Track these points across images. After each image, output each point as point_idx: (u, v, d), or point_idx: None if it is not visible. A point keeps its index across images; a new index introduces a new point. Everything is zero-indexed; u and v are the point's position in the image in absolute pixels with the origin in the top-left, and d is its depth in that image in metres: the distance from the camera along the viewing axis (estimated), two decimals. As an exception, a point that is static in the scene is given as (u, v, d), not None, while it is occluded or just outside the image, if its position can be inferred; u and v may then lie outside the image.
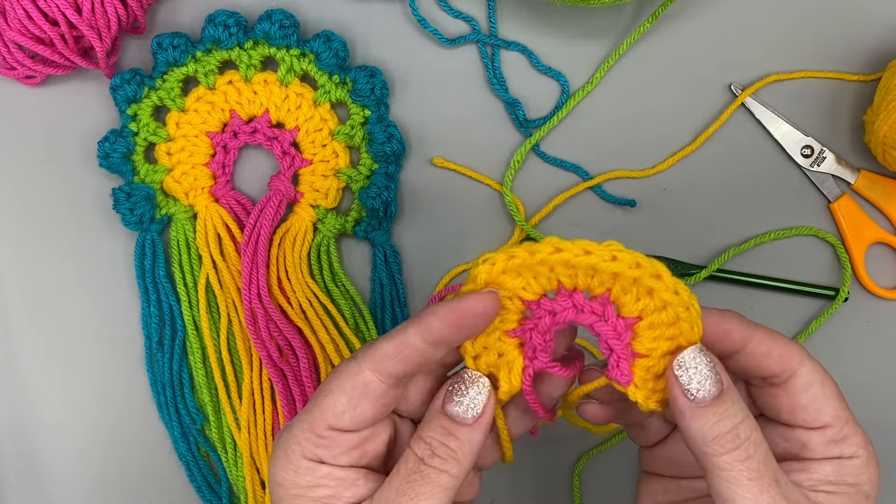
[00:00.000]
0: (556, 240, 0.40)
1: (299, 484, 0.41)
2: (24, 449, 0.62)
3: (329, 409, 0.41)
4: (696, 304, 0.41)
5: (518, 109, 0.63)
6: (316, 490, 0.41)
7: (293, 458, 0.41)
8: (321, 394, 0.42)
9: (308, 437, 0.41)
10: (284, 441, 0.42)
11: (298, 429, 0.41)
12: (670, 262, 0.62)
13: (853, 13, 0.64)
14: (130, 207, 0.61)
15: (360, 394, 0.41)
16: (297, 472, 0.41)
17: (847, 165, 0.63)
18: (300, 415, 0.42)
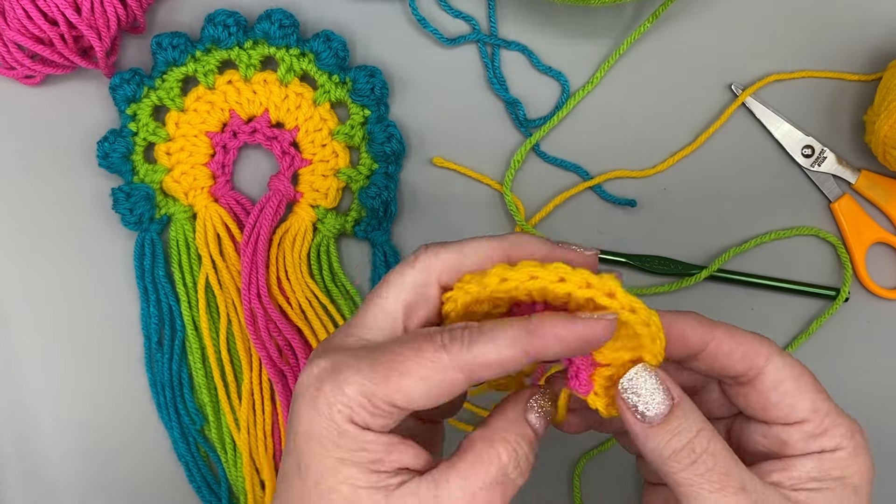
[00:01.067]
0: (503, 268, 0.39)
1: (342, 446, 0.38)
2: (23, 449, 0.62)
3: (401, 392, 0.38)
4: (655, 320, 0.39)
5: (518, 109, 0.63)
6: (360, 454, 0.38)
7: (338, 418, 0.38)
8: (393, 367, 0.38)
9: (363, 405, 0.38)
10: (329, 396, 0.38)
11: (352, 391, 0.38)
12: (670, 262, 0.62)
13: (853, 13, 0.64)
14: (130, 207, 0.61)
15: (442, 390, 0.38)
16: (341, 434, 0.38)
17: (848, 165, 0.63)
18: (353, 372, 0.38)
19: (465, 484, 0.39)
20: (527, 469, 0.40)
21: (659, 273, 0.62)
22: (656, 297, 0.62)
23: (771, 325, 0.63)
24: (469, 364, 0.38)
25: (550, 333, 0.38)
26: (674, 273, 0.62)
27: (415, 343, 0.39)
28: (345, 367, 0.38)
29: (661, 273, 0.62)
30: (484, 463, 0.39)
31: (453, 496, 0.38)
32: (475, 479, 0.39)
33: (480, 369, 0.38)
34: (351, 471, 0.38)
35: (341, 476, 0.38)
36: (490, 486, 0.39)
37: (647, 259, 0.62)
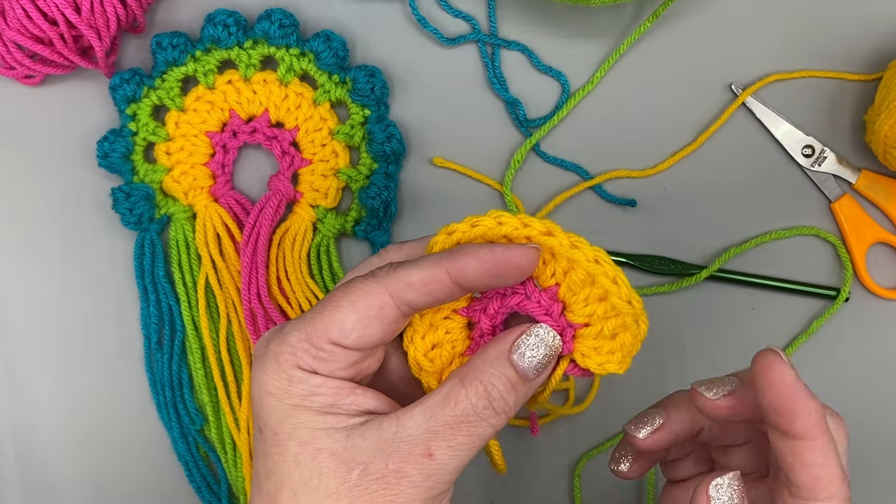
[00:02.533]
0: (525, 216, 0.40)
1: (294, 393, 0.39)
2: (23, 449, 0.62)
3: (336, 324, 0.39)
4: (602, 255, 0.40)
5: (518, 109, 0.63)
6: (313, 399, 0.39)
7: (285, 366, 0.39)
8: (327, 306, 0.39)
9: (305, 348, 0.39)
10: (276, 348, 0.39)
11: (295, 337, 0.39)
12: (670, 262, 0.62)
13: (854, 13, 0.64)
14: (130, 207, 0.61)
15: (373, 315, 0.39)
16: (291, 380, 0.39)
17: (848, 165, 0.63)
18: (295, 322, 0.40)
19: (429, 422, 0.38)
20: (503, 410, 0.39)
21: (659, 273, 0.62)
22: (656, 298, 0.62)
23: (771, 326, 0.63)
24: (394, 284, 0.39)
25: (471, 255, 0.39)
26: (674, 273, 0.62)
27: (345, 281, 0.40)
28: (287, 324, 0.40)
29: (661, 273, 0.62)
30: (451, 401, 0.39)
31: (414, 431, 0.38)
32: (440, 417, 0.38)
33: (406, 288, 0.39)
34: (305, 415, 0.39)
35: (297, 421, 0.39)
36: (454, 424, 0.38)
37: (647, 259, 0.62)
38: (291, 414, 0.39)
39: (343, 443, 0.38)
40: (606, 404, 0.62)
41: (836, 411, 0.43)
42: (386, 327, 0.39)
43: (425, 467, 0.38)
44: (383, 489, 0.38)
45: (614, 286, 0.40)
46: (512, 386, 0.39)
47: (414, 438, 0.38)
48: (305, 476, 0.38)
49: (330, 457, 0.38)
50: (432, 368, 0.42)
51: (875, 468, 0.62)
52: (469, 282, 0.39)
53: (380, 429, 0.39)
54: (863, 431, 0.62)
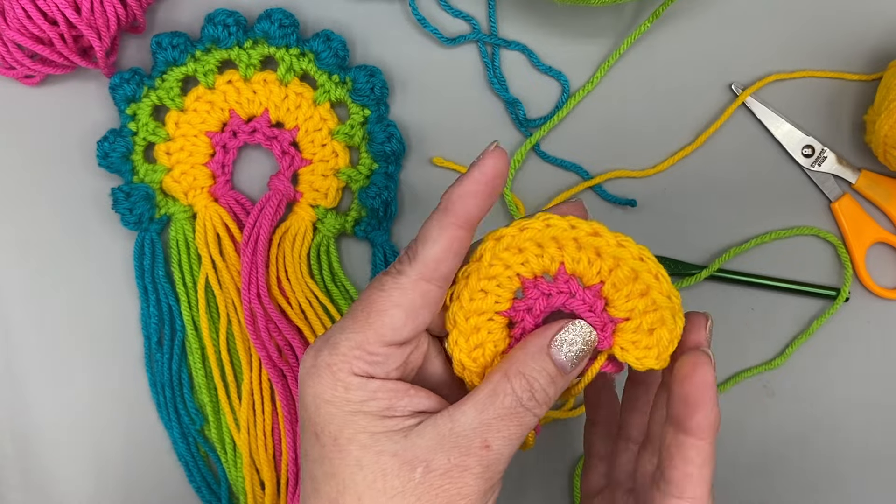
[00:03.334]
0: (572, 217, 0.42)
1: (352, 399, 0.40)
2: (23, 449, 0.62)
3: (387, 327, 0.40)
4: (646, 252, 0.42)
5: (518, 109, 0.63)
6: (370, 403, 0.40)
7: (341, 375, 0.40)
8: (372, 312, 0.41)
9: (358, 356, 0.40)
10: (328, 358, 0.41)
11: (346, 347, 0.40)
12: (670, 262, 0.62)
13: (853, 13, 0.64)
14: (130, 207, 0.61)
15: (419, 305, 0.41)
16: (348, 388, 0.40)
17: (848, 165, 0.63)
18: (340, 333, 0.41)
19: (481, 415, 0.40)
20: (544, 401, 0.42)
21: None
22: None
23: (771, 325, 0.63)
24: (423, 268, 0.41)
25: (463, 197, 0.41)
26: (674, 273, 0.62)
27: (375, 285, 0.42)
28: (333, 334, 0.41)
29: None
30: (499, 394, 0.41)
31: (469, 426, 0.40)
32: (490, 410, 0.40)
33: (435, 266, 0.41)
34: (364, 420, 0.40)
35: (357, 426, 0.40)
36: (505, 416, 0.41)
37: None
38: (351, 420, 0.40)
39: (403, 443, 0.40)
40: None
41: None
42: (431, 308, 0.41)
43: (484, 459, 0.40)
44: (448, 484, 0.40)
45: (656, 282, 0.42)
46: (551, 379, 0.42)
47: (470, 433, 0.40)
48: (370, 478, 0.40)
49: (392, 458, 0.40)
50: (475, 367, 0.44)
51: (875, 468, 0.62)
52: (477, 216, 0.41)
53: (436, 426, 0.40)
54: (863, 431, 0.62)
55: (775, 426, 0.62)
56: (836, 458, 0.62)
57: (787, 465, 0.62)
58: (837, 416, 0.62)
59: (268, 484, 0.60)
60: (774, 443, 0.62)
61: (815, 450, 0.62)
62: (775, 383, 0.62)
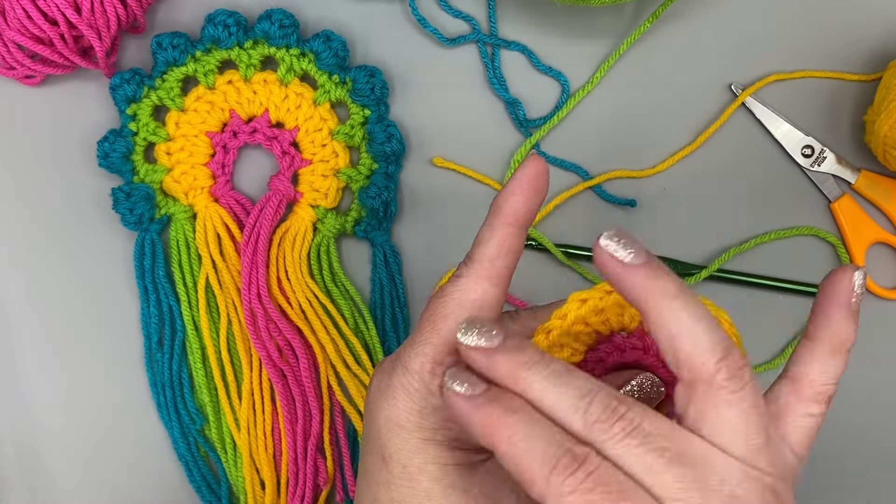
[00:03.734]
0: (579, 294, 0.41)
1: (425, 426, 0.40)
2: (23, 449, 0.62)
3: (453, 331, 0.39)
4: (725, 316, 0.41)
5: (518, 109, 0.63)
6: (442, 432, 0.40)
7: (416, 397, 0.40)
8: (437, 320, 0.40)
9: (432, 370, 0.40)
10: (402, 378, 0.40)
11: (417, 363, 0.40)
12: (670, 262, 0.62)
13: (853, 13, 0.64)
14: (130, 207, 0.61)
15: (481, 305, 0.40)
16: (422, 413, 0.39)
17: (847, 165, 0.63)
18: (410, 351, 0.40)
19: None
20: None
21: None
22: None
23: (770, 325, 0.63)
24: (480, 268, 0.40)
25: (509, 196, 0.41)
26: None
27: (436, 294, 0.41)
28: (402, 353, 0.40)
29: None
30: None
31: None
32: None
33: (490, 264, 0.40)
34: (437, 450, 0.39)
35: (428, 456, 0.39)
36: None
37: None
38: (422, 448, 0.39)
39: (471, 479, 0.39)
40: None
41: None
42: (495, 309, 0.41)
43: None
44: None
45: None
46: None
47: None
48: None
49: (462, 493, 0.39)
50: None
51: (876, 467, 0.62)
52: (524, 213, 0.41)
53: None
54: (863, 430, 0.62)
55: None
56: (836, 457, 0.62)
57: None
58: (838, 416, 0.62)
59: (268, 484, 0.60)
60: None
61: (815, 450, 0.62)
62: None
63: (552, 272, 0.63)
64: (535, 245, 0.62)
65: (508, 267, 0.41)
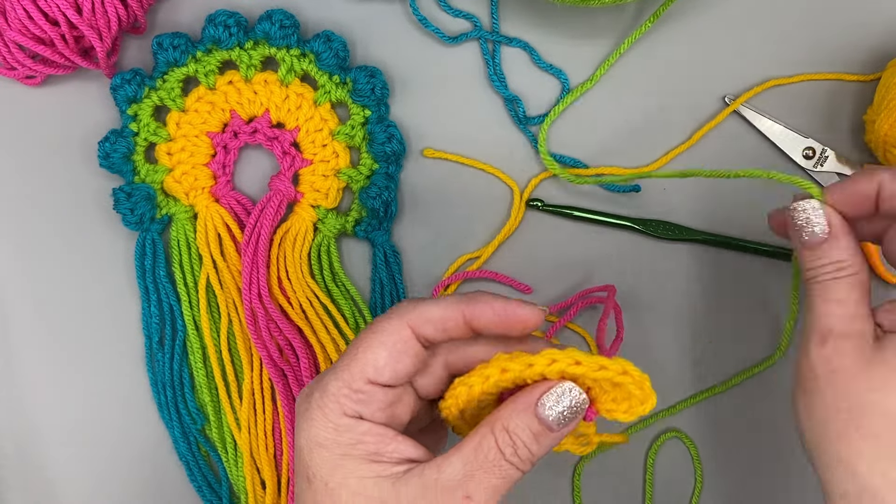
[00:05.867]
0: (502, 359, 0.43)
1: (342, 442, 0.42)
2: (24, 449, 0.62)
3: (370, 364, 0.42)
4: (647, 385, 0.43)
5: (518, 106, 0.63)
6: (359, 447, 0.42)
7: (332, 416, 0.42)
8: (358, 350, 0.43)
9: (346, 394, 0.42)
10: (319, 400, 0.42)
11: (335, 387, 0.42)
12: (675, 227, 0.62)
13: (852, 13, 0.64)
14: (131, 207, 0.61)
15: (401, 349, 0.43)
16: (338, 429, 0.42)
17: (850, 162, 0.63)
18: (331, 373, 0.43)
19: (465, 467, 0.41)
20: (527, 458, 0.42)
21: (664, 238, 0.62)
22: (659, 266, 0.62)
23: (780, 296, 0.62)
24: (415, 319, 0.43)
25: (487, 304, 0.44)
26: (678, 238, 0.62)
27: (368, 326, 0.44)
28: (324, 377, 0.43)
29: (666, 238, 0.62)
30: (483, 448, 0.42)
31: (454, 477, 0.41)
32: (474, 463, 0.41)
33: (424, 323, 0.43)
34: (354, 464, 0.41)
35: (346, 470, 0.41)
36: (488, 469, 0.41)
37: (651, 223, 0.62)
38: (341, 464, 0.42)
39: (390, 491, 0.41)
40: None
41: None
42: (413, 359, 0.43)
43: None
44: None
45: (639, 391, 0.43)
46: (535, 436, 0.42)
47: (454, 484, 0.41)
48: None
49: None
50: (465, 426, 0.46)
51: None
52: (480, 327, 0.44)
53: (422, 476, 0.42)
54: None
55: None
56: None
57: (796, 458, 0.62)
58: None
59: (268, 483, 0.60)
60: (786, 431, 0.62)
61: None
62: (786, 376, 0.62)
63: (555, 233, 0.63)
64: (541, 206, 0.62)
65: (435, 339, 0.44)
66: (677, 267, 0.63)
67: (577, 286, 0.62)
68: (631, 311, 0.62)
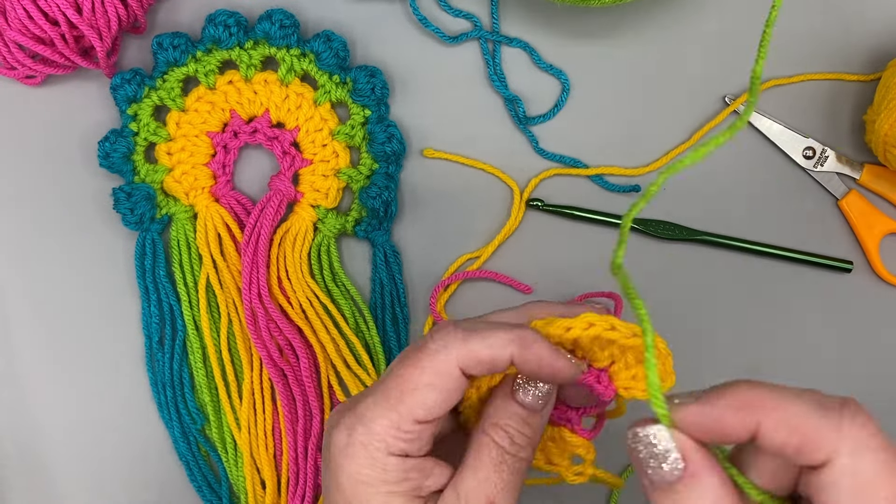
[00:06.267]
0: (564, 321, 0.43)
1: (389, 480, 0.41)
2: (24, 449, 0.62)
3: (419, 406, 0.41)
4: (662, 346, 0.44)
5: (518, 106, 0.63)
6: (404, 484, 0.41)
7: (378, 456, 0.41)
8: (406, 388, 0.41)
9: (395, 434, 0.41)
10: (364, 438, 0.41)
11: (381, 426, 0.41)
12: (676, 227, 0.62)
13: (852, 13, 0.64)
14: (131, 207, 0.61)
15: (452, 388, 0.41)
16: (386, 468, 0.41)
17: (850, 162, 0.63)
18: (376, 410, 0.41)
19: (478, 475, 0.42)
20: (526, 443, 0.43)
21: (664, 238, 0.62)
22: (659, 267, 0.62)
23: (781, 297, 0.62)
24: (464, 358, 0.41)
25: (536, 352, 0.41)
26: (678, 238, 0.62)
27: (411, 359, 0.42)
28: (365, 410, 0.41)
29: (666, 238, 0.62)
30: (483, 451, 0.42)
31: (471, 490, 0.42)
32: (482, 469, 0.42)
33: (474, 364, 0.41)
34: (398, 500, 0.41)
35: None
36: (496, 468, 0.42)
37: (651, 223, 0.62)
38: (387, 501, 0.41)
39: None
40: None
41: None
42: (460, 395, 0.42)
43: None
44: None
45: (661, 367, 0.43)
46: (524, 420, 0.43)
47: (474, 497, 0.41)
48: None
49: None
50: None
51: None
52: (523, 369, 0.42)
53: (446, 502, 0.42)
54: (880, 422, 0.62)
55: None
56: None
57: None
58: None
59: (268, 483, 0.60)
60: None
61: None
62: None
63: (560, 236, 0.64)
64: (541, 206, 0.62)
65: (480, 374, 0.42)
66: (677, 267, 0.63)
67: (577, 286, 0.62)
68: (630, 311, 0.62)
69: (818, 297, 0.62)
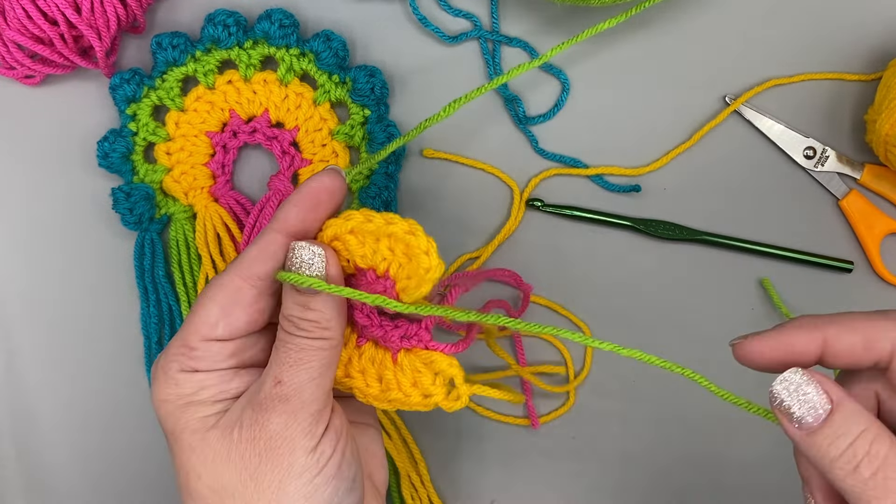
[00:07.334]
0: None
1: (183, 394, 0.44)
2: (24, 449, 0.62)
3: (202, 321, 0.44)
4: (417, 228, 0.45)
5: (518, 106, 0.63)
6: (201, 393, 0.44)
7: (171, 373, 0.44)
8: (193, 310, 0.44)
9: (182, 352, 0.44)
10: (161, 363, 0.44)
11: (173, 347, 0.44)
12: (676, 227, 0.62)
13: (853, 13, 0.64)
14: (130, 207, 0.61)
15: (232, 301, 0.44)
16: (178, 384, 0.44)
17: (851, 162, 0.62)
18: (170, 341, 0.45)
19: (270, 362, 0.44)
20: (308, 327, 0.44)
21: (664, 238, 0.62)
22: (658, 265, 0.62)
23: (781, 297, 0.62)
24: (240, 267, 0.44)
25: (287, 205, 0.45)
26: (678, 238, 0.62)
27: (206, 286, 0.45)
28: (171, 341, 0.45)
29: (666, 238, 0.62)
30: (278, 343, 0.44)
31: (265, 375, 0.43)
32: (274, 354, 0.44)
33: (249, 265, 0.44)
34: (195, 408, 0.44)
35: (189, 415, 0.44)
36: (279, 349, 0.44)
37: (651, 223, 0.62)
38: (183, 411, 0.44)
39: (225, 417, 0.43)
40: (606, 401, 0.62)
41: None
42: (248, 309, 0.44)
43: (280, 393, 0.43)
44: (259, 431, 0.42)
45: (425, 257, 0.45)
46: (301, 305, 0.44)
47: (267, 380, 0.43)
48: (202, 457, 0.43)
49: (214, 429, 0.43)
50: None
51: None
52: (296, 225, 0.45)
53: (248, 391, 0.44)
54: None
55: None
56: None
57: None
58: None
59: (267, 484, 0.60)
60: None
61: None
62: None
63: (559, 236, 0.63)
64: (541, 206, 0.62)
65: (266, 272, 0.44)
66: (677, 267, 0.63)
67: (576, 285, 0.62)
68: (630, 311, 0.62)
69: (819, 297, 0.62)
